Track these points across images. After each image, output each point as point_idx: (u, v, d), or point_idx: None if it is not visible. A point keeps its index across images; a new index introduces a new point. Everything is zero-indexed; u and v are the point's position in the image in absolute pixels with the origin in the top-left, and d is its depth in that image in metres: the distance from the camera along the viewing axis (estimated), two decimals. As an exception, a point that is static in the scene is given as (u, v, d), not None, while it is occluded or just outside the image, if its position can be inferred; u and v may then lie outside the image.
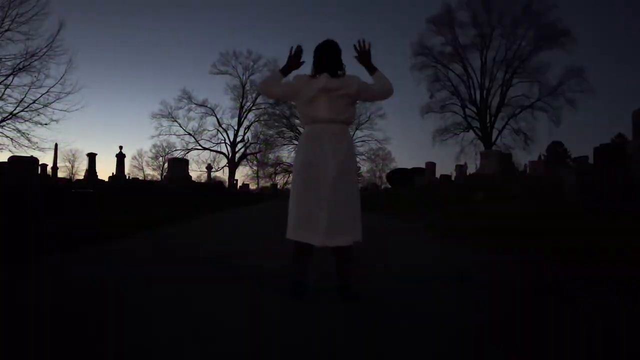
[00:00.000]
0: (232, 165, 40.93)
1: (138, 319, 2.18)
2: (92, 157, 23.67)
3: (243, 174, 50.61)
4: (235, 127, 41.79)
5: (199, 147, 40.72)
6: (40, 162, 17.19)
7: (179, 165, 23.14)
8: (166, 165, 35.04)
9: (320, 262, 2.92)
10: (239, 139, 41.85)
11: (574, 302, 2.74)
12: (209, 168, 39.95)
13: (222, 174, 42.86)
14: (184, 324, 2.12)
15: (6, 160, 12.87)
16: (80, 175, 34.56)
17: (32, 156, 14.05)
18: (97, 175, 22.85)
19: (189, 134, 40.20)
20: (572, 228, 5.29)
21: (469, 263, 4.07)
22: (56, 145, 24.33)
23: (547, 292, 2.94)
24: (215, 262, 3.99)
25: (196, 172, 38.92)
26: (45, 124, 16.82)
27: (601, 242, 4.36)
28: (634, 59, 49.65)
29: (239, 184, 42.97)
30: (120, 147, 23.86)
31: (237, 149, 41.61)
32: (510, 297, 2.85)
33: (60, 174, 29.85)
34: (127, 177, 27.26)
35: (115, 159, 23.63)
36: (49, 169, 24.56)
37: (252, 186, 45.91)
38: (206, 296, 2.71)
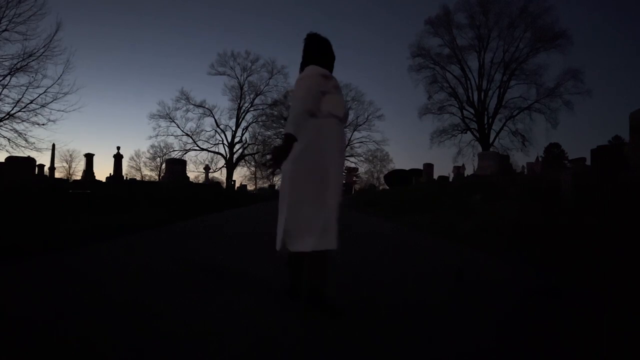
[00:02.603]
0: (230, 166, 40.90)
1: (136, 320, 2.17)
2: (89, 157, 23.63)
3: (241, 174, 50.60)
4: (233, 128, 41.88)
5: (197, 148, 40.79)
6: (37, 163, 17.14)
7: (176, 166, 23.12)
8: (164, 165, 34.98)
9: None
10: (236, 139, 41.93)
11: (573, 302, 2.74)
12: (207, 169, 39.91)
13: (220, 175, 42.89)
14: (182, 324, 2.11)
15: (3, 160, 12.86)
16: (78, 175, 34.53)
17: (29, 156, 14.06)
18: (94, 176, 22.81)
19: (187, 134, 40.24)
20: (570, 229, 5.30)
21: (467, 263, 4.08)
22: (53, 145, 24.26)
23: (547, 292, 2.95)
24: (214, 262, 3.99)
25: (194, 172, 39.00)
26: (43, 124, 16.75)
27: (599, 242, 4.37)
28: (631, 60, 49.92)
29: (237, 184, 42.97)
30: (118, 148, 23.80)
31: (235, 150, 41.63)
32: (509, 297, 2.86)
33: (57, 174, 29.79)
34: (124, 178, 27.18)
35: (113, 159, 23.57)
36: (46, 169, 24.50)
37: (250, 187, 45.93)
38: (205, 297, 2.71)
